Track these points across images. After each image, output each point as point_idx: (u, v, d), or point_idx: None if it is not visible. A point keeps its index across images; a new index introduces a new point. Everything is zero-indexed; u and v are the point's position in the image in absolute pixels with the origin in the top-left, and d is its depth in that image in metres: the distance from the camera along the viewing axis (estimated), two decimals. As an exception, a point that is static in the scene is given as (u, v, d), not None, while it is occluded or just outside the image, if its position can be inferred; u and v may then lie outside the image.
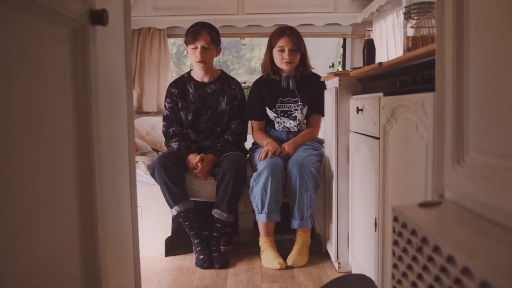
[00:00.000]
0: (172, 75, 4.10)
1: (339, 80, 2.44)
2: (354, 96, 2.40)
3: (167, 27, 4.06)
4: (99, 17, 1.11)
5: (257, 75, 5.09)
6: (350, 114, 2.42)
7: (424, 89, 1.41)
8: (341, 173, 2.50)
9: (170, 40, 4.44)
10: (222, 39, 5.10)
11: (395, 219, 1.20)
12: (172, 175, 2.65)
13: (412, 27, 1.66)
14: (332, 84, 2.61)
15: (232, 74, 5.65)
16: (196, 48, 2.84)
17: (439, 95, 1.20)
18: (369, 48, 2.69)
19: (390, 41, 3.43)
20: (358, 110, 2.17)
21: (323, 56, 4.77)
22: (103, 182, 1.16)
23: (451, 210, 1.14)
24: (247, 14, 3.91)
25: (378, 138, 1.85)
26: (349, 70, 2.59)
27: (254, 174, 2.61)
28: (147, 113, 4.10)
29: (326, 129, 2.78)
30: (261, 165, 2.60)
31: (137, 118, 3.93)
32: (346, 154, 2.47)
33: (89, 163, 1.09)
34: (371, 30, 2.73)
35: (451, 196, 1.18)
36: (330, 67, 4.64)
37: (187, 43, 2.88)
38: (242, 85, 4.98)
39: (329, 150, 2.67)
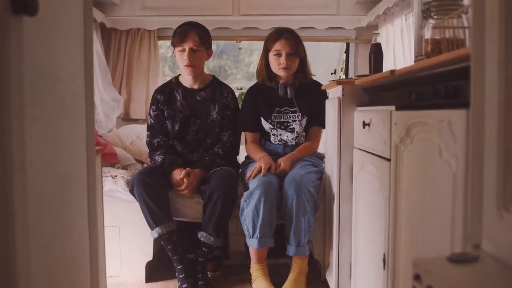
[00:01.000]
0: (164, 79, 3.82)
1: (343, 89, 2.15)
2: (359, 108, 2.11)
3: (158, 28, 3.78)
4: (22, 4, 0.83)
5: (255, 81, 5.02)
6: (354, 128, 2.12)
7: (451, 104, 1.12)
8: (343, 194, 2.20)
9: (166, 43, 4.16)
10: (218, 42, 5.00)
11: (417, 277, 0.91)
12: (153, 193, 2.35)
13: (434, 27, 1.36)
14: (334, 93, 2.32)
15: (229, 79, 5.44)
16: (183, 50, 2.55)
17: (476, 113, 0.92)
18: (376, 53, 2.41)
19: (398, 47, 3.14)
20: (364, 124, 1.88)
21: (324, 62, 4.48)
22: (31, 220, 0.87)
23: (495, 270, 0.85)
24: (243, 15, 3.61)
25: (389, 160, 1.56)
26: (354, 78, 2.30)
27: (245, 193, 2.31)
28: (135, 120, 3.82)
29: (327, 143, 2.48)
30: (252, 183, 2.31)
31: (122, 126, 3.64)
32: (349, 173, 2.18)
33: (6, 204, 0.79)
34: (378, 34, 2.45)
35: (492, 248, 0.89)
36: (332, 74, 4.35)
37: (174, 45, 2.60)
38: (239, 91, 4.83)
39: (330, 168, 2.38)
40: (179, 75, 2.76)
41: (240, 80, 5.43)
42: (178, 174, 2.46)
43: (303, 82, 2.66)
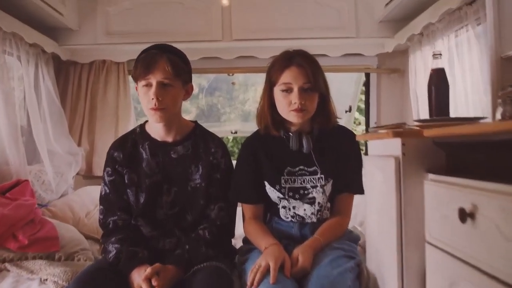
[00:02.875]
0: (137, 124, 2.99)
1: (403, 144, 1.30)
2: (433, 176, 1.26)
3: (128, 59, 2.98)
4: None
5: (252, 123, 4.14)
6: (427, 211, 1.26)
7: None
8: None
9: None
10: (206, 75, 4.18)
11: None
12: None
13: None
14: (383, 148, 1.47)
15: (223, 119, 4.66)
16: (149, 85, 1.73)
17: None
18: (440, 84, 1.58)
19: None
20: (463, 214, 1.02)
21: (337, 97, 3.67)
22: None
23: None
24: (236, 40, 2.87)
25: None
26: (416, 124, 1.45)
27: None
28: (99, 178, 2.96)
29: (371, 228, 1.62)
30: (257, 293, 1.44)
31: (80, 188, 2.78)
32: (419, 283, 1.31)
33: None
34: (440, 55, 1.61)
35: None
36: (346, 111, 3.54)
37: (135, 78, 1.77)
38: (233, 135, 4.01)
39: (377, 267, 1.51)
40: (146, 122, 1.92)
41: (235, 120, 4.67)
42: (141, 274, 1.59)
43: (326, 128, 1.82)
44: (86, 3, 2.85)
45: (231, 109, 4.74)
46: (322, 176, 1.78)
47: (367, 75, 3.26)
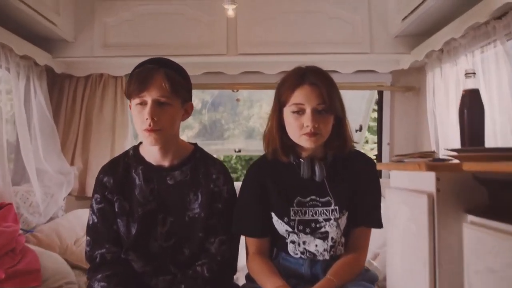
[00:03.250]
0: (135, 142, 2.80)
1: (438, 179, 1.10)
2: (474, 219, 1.06)
3: (126, 73, 2.79)
4: None
5: (256, 141, 3.98)
6: (467, 261, 1.06)
7: None
8: None
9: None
10: (208, 91, 3.97)
11: None
12: None
13: None
14: (410, 180, 1.27)
15: (226, 135, 4.51)
16: (143, 104, 1.54)
17: None
18: (474, 107, 1.39)
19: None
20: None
21: (347, 115, 3.48)
22: None
23: None
24: (241, 55, 2.69)
25: None
26: (450, 153, 1.25)
27: None
28: (93, 199, 2.77)
29: (394, 268, 1.41)
30: None
31: (70, 212, 2.58)
32: None
33: None
34: (473, 74, 1.42)
35: None
36: (356, 131, 3.35)
37: (129, 95, 1.58)
38: (237, 155, 3.84)
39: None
40: (140, 143, 1.72)
41: (239, 137, 4.50)
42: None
43: (341, 154, 1.62)
44: (82, 13, 2.68)
45: (235, 125, 4.60)
46: (336, 207, 1.58)
47: (380, 93, 3.09)
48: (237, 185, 1.70)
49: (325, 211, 1.59)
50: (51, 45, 2.65)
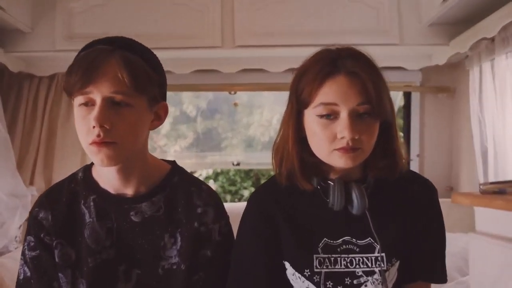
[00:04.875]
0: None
1: None
2: None
3: (99, 72, 2.33)
4: None
5: (258, 152, 3.79)
6: None
7: None
8: None
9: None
10: (205, 94, 3.67)
11: None
12: None
13: None
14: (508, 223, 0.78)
15: (223, 145, 4.15)
16: (89, 104, 1.06)
17: None
18: None
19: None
20: None
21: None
22: None
23: None
24: (239, 47, 2.32)
25: None
26: None
27: None
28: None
29: None
30: None
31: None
32: None
33: None
34: None
35: None
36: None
37: (69, 91, 1.09)
38: (235, 167, 3.54)
39: None
40: (92, 164, 1.23)
41: (238, 147, 4.19)
42: None
43: (388, 177, 1.13)
44: None
45: (233, 134, 4.38)
46: (383, 254, 1.12)
47: (407, 95, 2.72)
48: (236, 209, 1.22)
49: (365, 259, 1.13)
50: (3, 37, 2.19)
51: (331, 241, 1.10)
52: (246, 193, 4.99)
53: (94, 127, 1.01)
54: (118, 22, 2.26)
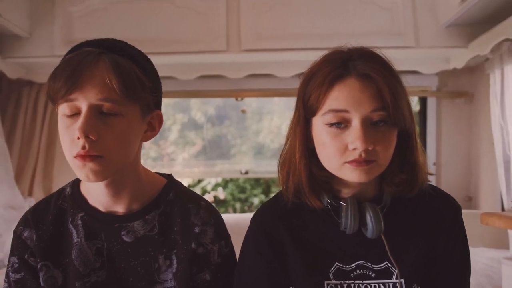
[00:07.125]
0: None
1: None
2: None
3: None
4: None
5: (267, 159, 3.71)
6: None
7: None
8: None
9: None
10: (214, 100, 3.62)
11: None
12: None
13: None
14: None
15: (232, 152, 4.09)
16: (74, 113, 0.95)
17: None
18: None
19: None
20: None
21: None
22: None
23: None
24: (245, 52, 2.23)
25: None
26: None
27: None
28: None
29: None
30: None
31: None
32: None
33: None
34: None
35: None
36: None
37: (53, 97, 0.99)
38: (243, 176, 3.52)
39: None
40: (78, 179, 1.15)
41: (247, 154, 4.16)
42: None
43: (406, 193, 1.01)
44: (39, 1, 2.18)
45: (242, 141, 4.26)
46: (402, 281, 0.99)
47: (423, 100, 2.61)
48: (245, 220, 1.12)
49: (382, 286, 1.01)
50: (1, 43, 2.13)
51: (344, 266, 0.99)
52: (256, 201, 4.90)
53: (78, 138, 0.92)
54: (120, 26, 2.19)
